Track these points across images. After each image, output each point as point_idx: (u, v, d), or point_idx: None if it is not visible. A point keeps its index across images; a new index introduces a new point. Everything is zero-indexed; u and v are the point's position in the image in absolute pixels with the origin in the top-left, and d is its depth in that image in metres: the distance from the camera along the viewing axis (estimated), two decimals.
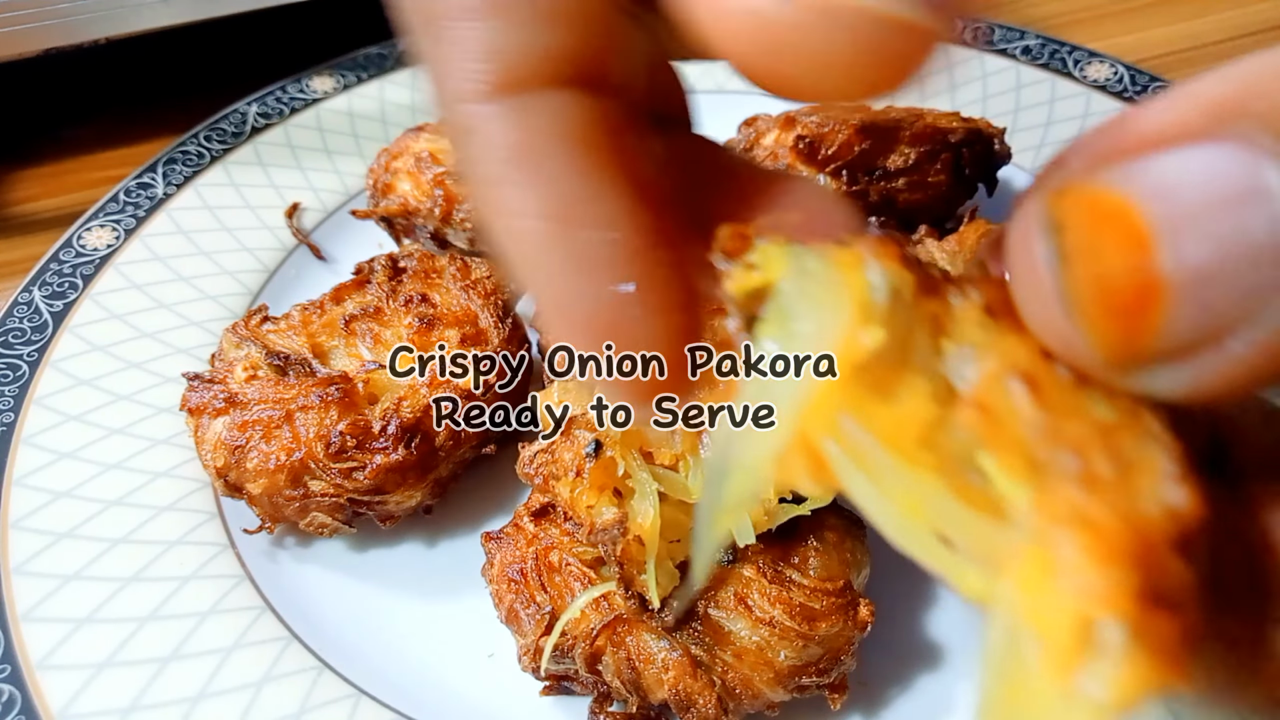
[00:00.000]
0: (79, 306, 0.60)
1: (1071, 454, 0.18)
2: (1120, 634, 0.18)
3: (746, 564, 0.41)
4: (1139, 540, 0.18)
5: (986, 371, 0.20)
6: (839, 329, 0.20)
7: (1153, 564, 0.18)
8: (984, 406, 0.19)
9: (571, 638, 0.41)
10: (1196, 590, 0.18)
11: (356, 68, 0.79)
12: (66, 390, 0.56)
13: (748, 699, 0.40)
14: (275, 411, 0.48)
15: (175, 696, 0.43)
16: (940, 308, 0.20)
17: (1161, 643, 0.18)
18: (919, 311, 0.20)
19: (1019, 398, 0.19)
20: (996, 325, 0.20)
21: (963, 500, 0.20)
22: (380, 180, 0.64)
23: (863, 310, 0.20)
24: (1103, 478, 0.18)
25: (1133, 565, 0.18)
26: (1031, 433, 0.19)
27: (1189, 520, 0.18)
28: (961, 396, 0.20)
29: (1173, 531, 0.18)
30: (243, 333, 0.52)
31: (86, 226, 0.66)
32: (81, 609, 0.46)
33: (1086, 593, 0.18)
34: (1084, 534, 0.18)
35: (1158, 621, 0.18)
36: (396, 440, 0.48)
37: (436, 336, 0.52)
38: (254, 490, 0.48)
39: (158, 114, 0.80)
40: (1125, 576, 0.18)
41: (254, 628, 0.46)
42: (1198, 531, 0.18)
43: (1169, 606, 0.18)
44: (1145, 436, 0.19)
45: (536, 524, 0.45)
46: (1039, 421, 0.19)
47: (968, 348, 0.20)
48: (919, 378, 0.20)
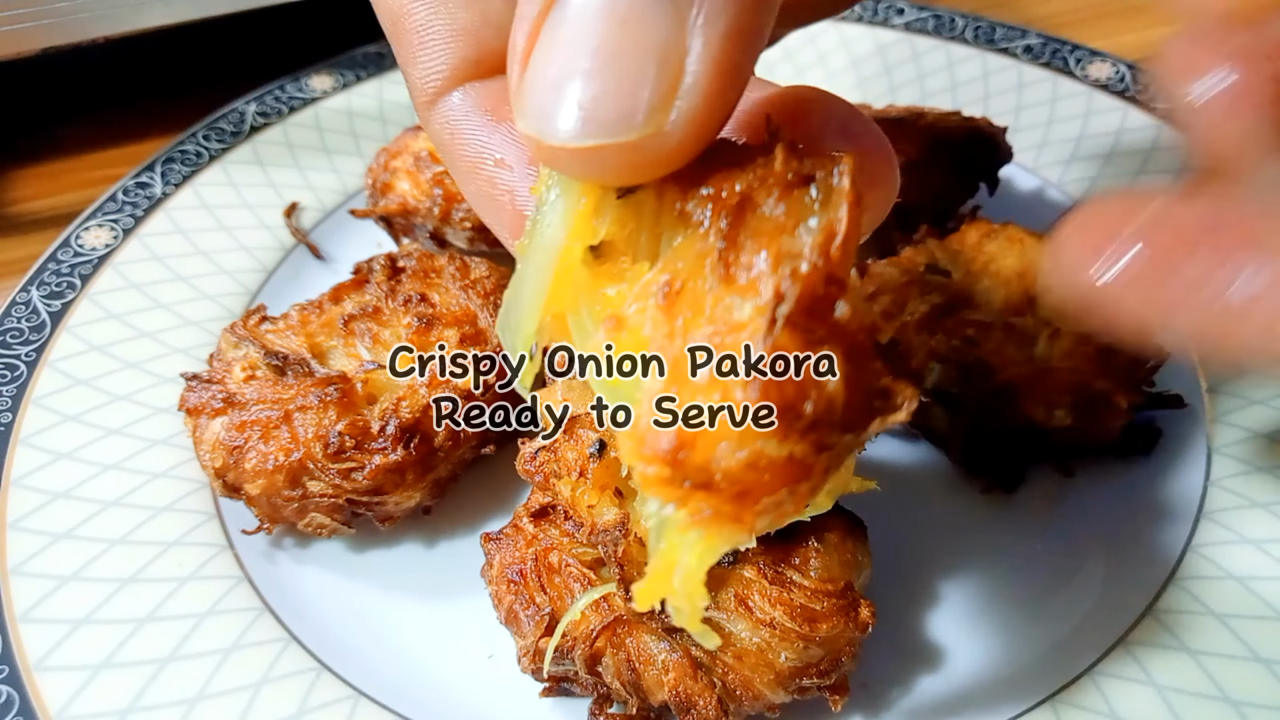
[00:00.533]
0: (77, 306, 0.60)
1: (665, 360, 0.24)
2: (664, 508, 0.24)
3: (747, 565, 0.41)
4: (675, 441, 0.23)
5: (644, 282, 0.25)
6: (557, 238, 0.26)
7: (688, 458, 0.23)
8: (621, 318, 0.25)
9: (571, 639, 0.41)
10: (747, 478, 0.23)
11: (355, 66, 0.79)
12: (64, 390, 0.56)
13: (748, 701, 0.40)
14: (273, 412, 0.48)
15: (173, 698, 0.43)
16: (680, 197, 0.25)
17: (703, 512, 0.23)
18: (665, 208, 0.25)
19: (651, 305, 0.24)
20: (694, 216, 0.25)
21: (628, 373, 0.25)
22: (379, 179, 0.64)
23: (583, 225, 0.25)
24: (687, 382, 0.23)
25: (662, 460, 0.23)
26: (650, 336, 0.24)
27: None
28: (620, 307, 0.25)
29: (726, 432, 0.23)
30: (241, 332, 0.52)
31: (85, 226, 0.65)
32: (79, 610, 0.46)
33: (638, 476, 0.24)
34: (635, 430, 0.24)
35: (695, 500, 0.23)
36: (395, 440, 0.47)
37: (436, 336, 0.52)
38: (252, 491, 0.48)
39: (156, 113, 0.80)
40: (656, 468, 0.23)
41: (252, 629, 0.46)
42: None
43: (706, 488, 0.23)
44: (751, 336, 0.23)
45: (536, 525, 0.45)
46: (655, 330, 0.24)
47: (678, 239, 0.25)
48: (647, 268, 0.25)
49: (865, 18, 0.82)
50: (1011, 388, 0.50)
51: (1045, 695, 0.43)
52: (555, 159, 0.25)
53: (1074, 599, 0.47)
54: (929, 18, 0.81)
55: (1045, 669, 0.44)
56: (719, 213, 0.24)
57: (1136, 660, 0.44)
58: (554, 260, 0.26)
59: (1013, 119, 0.72)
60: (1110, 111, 0.72)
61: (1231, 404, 0.54)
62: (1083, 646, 0.45)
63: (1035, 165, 0.70)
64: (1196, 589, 0.46)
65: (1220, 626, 0.44)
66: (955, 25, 0.80)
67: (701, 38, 0.23)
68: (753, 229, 0.24)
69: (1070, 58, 0.76)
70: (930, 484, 0.53)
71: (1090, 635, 0.45)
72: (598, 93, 0.23)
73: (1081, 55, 0.76)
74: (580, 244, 0.25)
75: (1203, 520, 0.49)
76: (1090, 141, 0.71)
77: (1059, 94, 0.74)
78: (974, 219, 0.61)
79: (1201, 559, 0.47)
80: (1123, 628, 0.45)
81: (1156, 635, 0.45)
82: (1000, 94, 0.75)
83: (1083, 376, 0.51)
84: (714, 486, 0.23)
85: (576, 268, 0.26)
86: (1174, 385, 0.55)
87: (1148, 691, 0.42)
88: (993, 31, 0.79)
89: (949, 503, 0.52)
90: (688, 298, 0.24)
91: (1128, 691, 0.43)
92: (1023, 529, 0.50)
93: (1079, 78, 0.75)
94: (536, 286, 0.26)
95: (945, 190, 0.62)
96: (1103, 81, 0.74)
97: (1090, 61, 0.76)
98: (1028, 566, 0.49)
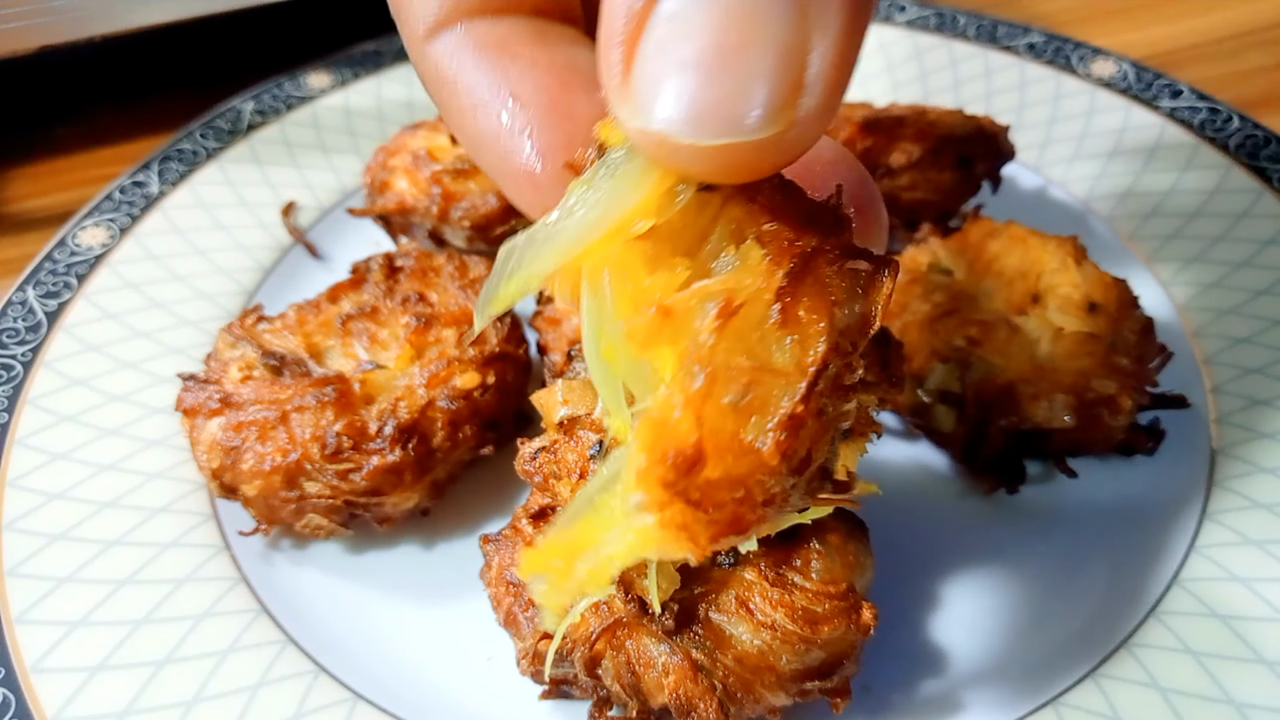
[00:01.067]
0: (73, 306, 0.60)
1: (704, 372, 0.24)
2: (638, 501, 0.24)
3: (748, 567, 0.41)
4: (694, 452, 0.24)
5: (702, 287, 0.25)
6: (621, 206, 0.25)
7: (694, 473, 0.24)
8: (671, 311, 0.25)
9: (571, 641, 0.41)
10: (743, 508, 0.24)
11: (353, 64, 0.78)
12: (61, 391, 0.55)
13: (749, 703, 0.40)
14: (270, 412, 0.48)
15: (170, 700, 0.43)
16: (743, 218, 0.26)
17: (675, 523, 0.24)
18: (725, 217, 0.26)
19: (707, 317, 0.25)
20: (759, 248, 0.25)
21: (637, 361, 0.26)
22: (377, 178, 0.64)
23: (649, 204, 0.25)
24: (717, 401, 0.24)
25: (674, 465, 0.24)
26: (695, 344, 0.25)
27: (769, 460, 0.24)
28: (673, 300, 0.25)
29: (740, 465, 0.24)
30: (238, 332, 0.52)
31: (81, 225, 0.65)
32: (76, 612, 0.46)
33: (636, 465, 0.24)
34: (658, 427, 0.24)
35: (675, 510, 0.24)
36: (393, 441, 0.47)
37: (434, 336, 0.51)
38: (249, 492, 0.47)
39: (152, 111, 0.80)
40: (661, 469, 0.24)
41: (249, 631, 0.46)
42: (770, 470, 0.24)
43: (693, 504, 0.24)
44: (786, 388, 0.24)
45: (535, 526, 0.44)
46: (706, 340, 0.25)
47: (731, 258, 0.26)
48: (686, 266, 0.26)
49: None
50: (1014, 388, 0.50)
51: (1048, 698, 0.43)
52: (671, 154, 0.24)
53: (1077, 601, 0.47)
54: (931, 15, 0.81)
55: (1048, 671, 0.44)
56: (786, 254, 0.25)
57: (1139, 662, 0.44)
58: (614, 221, 0.25)
59: (1015, 117, 0.72)
60: (1113, 110, 0.71)
61: (1235, 404, 0.54)
62: (1085, 648, 0.44)
63: (1038, 164, 0.70)
64: (1200, 590, 0.46)
65: (1224, 628, 0.44)
66: (958, 23, 0.80)
67: (825, 34, 0.22)
68: (812, 287, 0.25)
69: (1073, 55, 0.76)
70: (932, 485, 0.53)
71: (1093, 637, 0.45)
72: (721, 91, 0.22)
73: (1085, 53, 0.76)
74: (644, 219, 0.25)
75: (1206, 521, 0.49)
76: (1093, 140, 0.70)
77: (1062, 92, 0.74)
78: (977, 218, 0.60)
79: (1205, 560, 0.47)
80: (1126, 629, 0.45)
81: (1160, 637, 0.44)
82: (1003, 92, 0.75)
83: (1086, 377, 0.50)
84: (700, 506, 0.24)
85: (629, 238, 0.25)
86: (1177, 385, 0.55)
87: (1151, 693, 0.42)
88: (995, 29, 0.79)
89: (951, 504, 0.52)
90: (741, 321, 0.25)
91: (1131, 693, 0.42)
92: (1025, 530, 0.50)
93: (1082, 76, 0.74)
94: (580, 235, 0.26)
95: (948, 189, 0.62)
96: (1106, 79, 0.74)
97: (1093, 59, 0.75)
98: (1030, 568, 0.49)
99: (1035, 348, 0.52)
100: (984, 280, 0.56)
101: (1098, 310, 0.54)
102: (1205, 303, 0.59)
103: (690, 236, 0.26)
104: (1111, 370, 0.51)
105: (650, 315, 0.25)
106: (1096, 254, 0.59)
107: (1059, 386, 0.50)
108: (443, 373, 0.50)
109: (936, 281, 0.56)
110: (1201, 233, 0.63)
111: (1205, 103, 0.70)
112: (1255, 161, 0.65)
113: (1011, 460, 0.52)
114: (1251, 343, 0.56)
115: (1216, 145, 0.67)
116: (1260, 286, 0.58)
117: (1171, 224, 0.64)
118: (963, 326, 0.53)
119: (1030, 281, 0.55)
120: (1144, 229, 0.64)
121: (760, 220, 0.26)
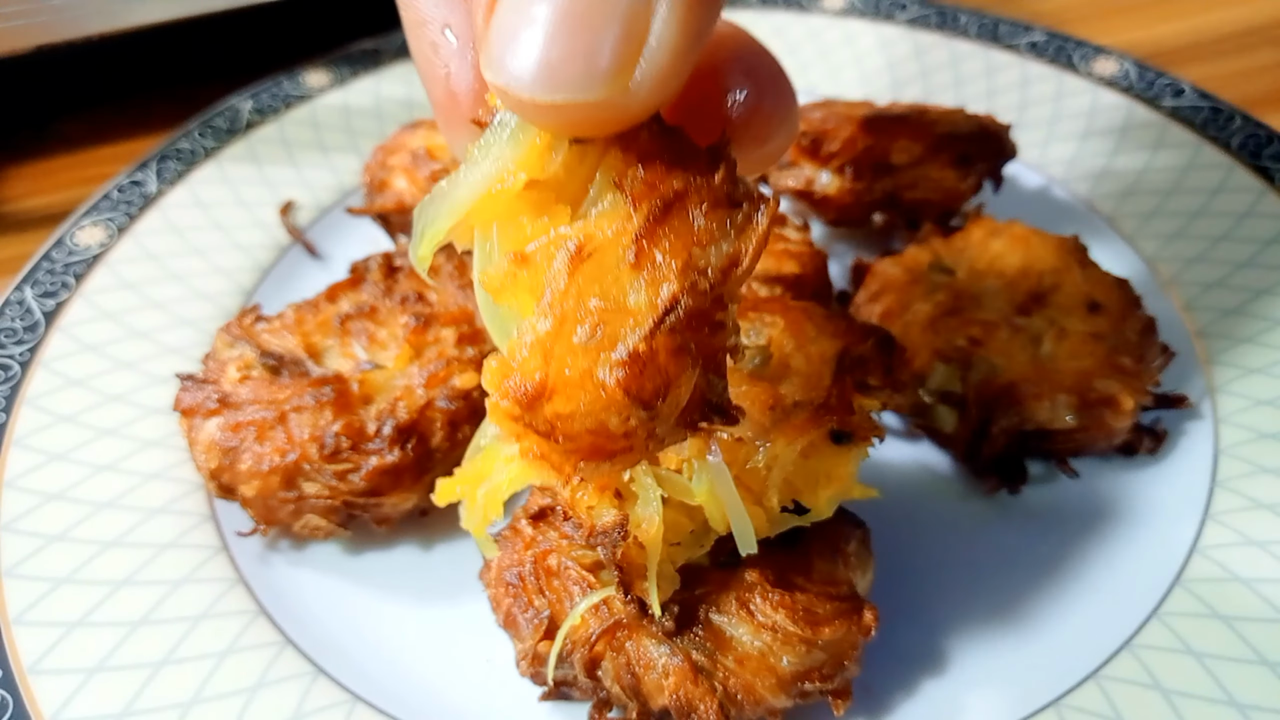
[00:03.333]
0: (71, 305, 0.60)
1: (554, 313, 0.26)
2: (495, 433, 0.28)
3: (749, 569, 0.41)
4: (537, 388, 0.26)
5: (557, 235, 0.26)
6: (503, 162, 0.27)
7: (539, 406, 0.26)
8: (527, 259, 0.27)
9: (570, 643, 0.41)
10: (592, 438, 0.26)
11: (352, 63, 0.78)
12: (58, 391, 0.55)
13: (750, 705, 0.40)
14: (269, 412, 0.48)
15: (168, 701, 0.43)
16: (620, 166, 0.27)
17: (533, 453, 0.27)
18: (605, 166, 0.27)
19: (560, 261, 0.26)
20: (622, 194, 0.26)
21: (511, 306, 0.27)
22: (376, 177, 0.64)
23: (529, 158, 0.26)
24: (567, 341, 0.26)
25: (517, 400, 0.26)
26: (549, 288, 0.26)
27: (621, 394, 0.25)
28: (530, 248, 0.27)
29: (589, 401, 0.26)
30: (236, 332, 0.51)
31: (79, 224, 0.65)
32: (74, 613, 0.46)
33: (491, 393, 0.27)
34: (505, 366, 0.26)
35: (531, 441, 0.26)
36: (392, 441, 0.47)
37: (433, 335, 0.51)
38: (247, 492, 0.47)
39: (150, 110, 0.79)
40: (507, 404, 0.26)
41: (247, 632, 0.46)
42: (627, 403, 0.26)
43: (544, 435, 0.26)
44: (635, 328, 0.25)
45: (534, 527, 0.44)
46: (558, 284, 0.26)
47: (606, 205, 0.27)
48: (567, 215, 0.27)
49: (868, 14, 0.82)
50: (1016, 388, 0.50)
51: (1050, 699, 0.43)
52: (518, 107, 0.25)
53: (1078, 601, 0.47)
54: (933, 14, 0.80)
55: (1049, 672, 0.44)
56: (650, 199, 0.26)
57: (1141, 664, 0.43)
58: (496, 178, 0.27)
59: (1017, 116, 0.72)
60: (1115, 109, 0.71)
61: (1238, 405, 0.53)
62: (1087, 650, 0.44)
63: (1040, 162, 0.70)
64: (1202, 591, 0.46)
65: (1226, 629, 0.44)
66: (959, 21, 0.80)
67: (667, 1, 0.23)
68: (673, 228, 0.26)
69: (1075, 54, 0.76)
70: (934, 485, 0.52)
71: (1095, 638, 0.45)
72: (563, 50, 0.24)
73: (1086, 52, 0.75)
74: (525, 173, 0.27)
75: (1209, 522, 0.49)
76: (1095, 139, 0.70)
77: (1064, 91, 0.73)
78: (978, 217, 0.60)
79: (1207, 561, 0.47)
80: (1128, 631, 0.45)
81: (1162, 638, 0.44)
82: (1004, 91, 0.74)
83: (1088, 377, 0.50)
84: (552, 437, 0.26)
85: (512, 192, 0.27)
86: (1180, 386, 0.54)
87: (1153, 695, 0.42)
88: (996, 28, 0.78)
89: (953, 505, 0.51)
90: (594, 265, 0.26)
91: (1132, 695, 0.42)
92: (1027, 530, 0.50)
93: (1084, 74, 0.74)
94: (470, 194, 0.28)
95: (949, 188, 0.62)
96: (1108, 78, 0.73)
97: (1095, 58, 0.75)
98: (1032, 568, 0.48)
99: (1037, 348, 0.52)
100: (986, 280, 0.56)
101: (1100, 310, 0.53)
102: (1207, 302, 0.59)
103: (574, 186, 0.27)
104: (1113, 370, 0.50)
105: (507, 263, 0.27)
106: (1098, 253, 0.59)
107: (1061, 386, 0.50)
108: (441, 373, 0.49)
109: (938, 281, 0.56)
110: (1204, 232, 0.62)
111: (1207, 101, 0.70)
112: (1257, 160, 0.65)
113: (1013, 460, 0.52)
114: (1253, 342, 0.56)
115: (1219, 144, 0.67)
116: (1262, 286, 0.58)
117: (1174, 223, 0.64)
118: (964, 326, 0.53)
119: (1032, 281, 0.55)
120: (1146, 228, 0.64)
121: (632, 169, 0.27)
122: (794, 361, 0.41)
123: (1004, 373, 0.51)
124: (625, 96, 0.24)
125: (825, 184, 0.61)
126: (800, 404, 0.38)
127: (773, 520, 0.38)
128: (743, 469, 0.37)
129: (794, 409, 0.38)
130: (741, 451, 0.37)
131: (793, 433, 0.37)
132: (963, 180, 0.62)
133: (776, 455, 0.37)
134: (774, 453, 0.37)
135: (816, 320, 0.43)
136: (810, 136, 0.61)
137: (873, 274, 0.58)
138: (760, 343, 0.43)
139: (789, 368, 0.41)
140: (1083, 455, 0.52)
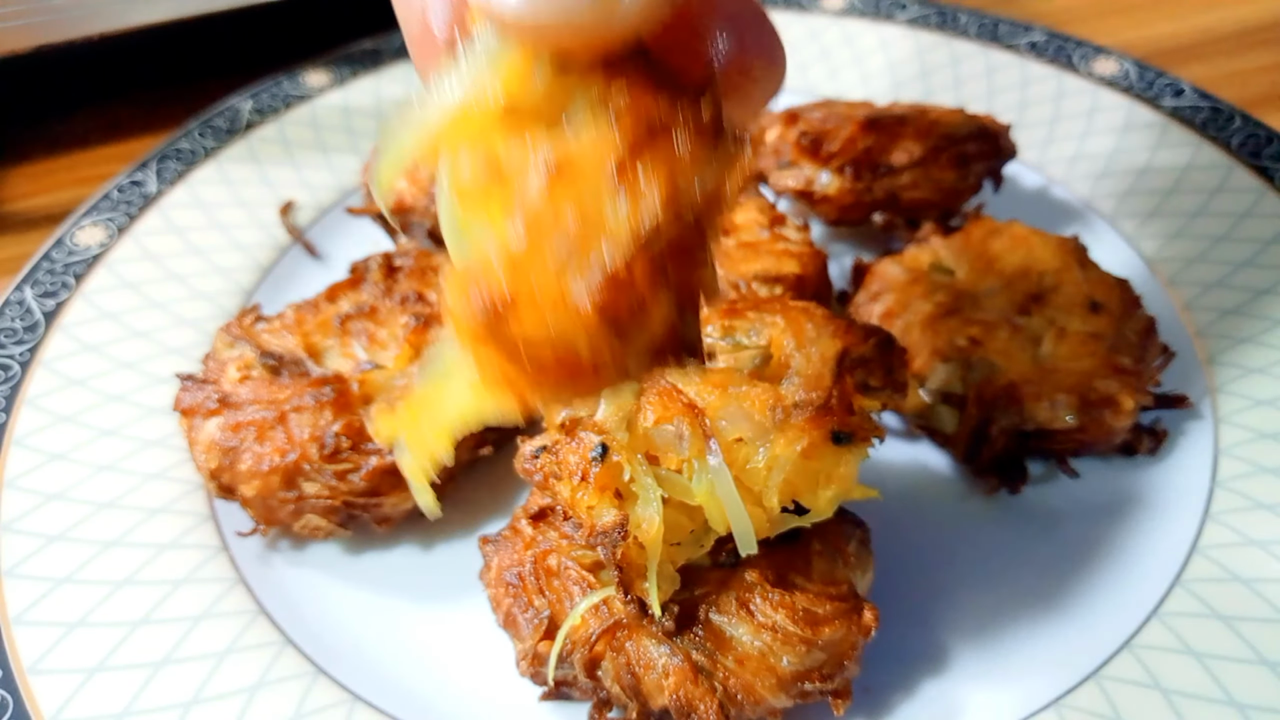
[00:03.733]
0: (70, 305, 0.60)
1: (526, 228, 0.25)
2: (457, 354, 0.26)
3: (749, 569, 0.41)
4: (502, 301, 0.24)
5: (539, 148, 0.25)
6: (478, 83, 0.26)
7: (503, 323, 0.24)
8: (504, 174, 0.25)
9: (570, 643, 0.41)
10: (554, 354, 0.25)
11: (352, 63, 0.78)
12: (58, 391, 0.55)
13: (750, 705, 0.40)
14: (269, 412, 0.48)
15: (168, 702, 0.43)
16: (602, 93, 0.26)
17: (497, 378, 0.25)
18: (585, 93, 0.26)
19: (538, 177, 0.25)
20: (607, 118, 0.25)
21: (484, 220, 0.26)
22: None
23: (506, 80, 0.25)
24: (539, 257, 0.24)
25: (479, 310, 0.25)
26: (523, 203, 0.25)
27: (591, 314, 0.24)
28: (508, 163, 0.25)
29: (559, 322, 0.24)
30: (236, 332, 0.51)
31: (79, 224, 0.65)
32: (74, 613, 0.46)
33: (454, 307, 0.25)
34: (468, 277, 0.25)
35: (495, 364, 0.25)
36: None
37: (433, 335, 0.51)
38: (247, 492, 0.47)
39: (150, 110, 0.79)
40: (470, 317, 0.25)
41: (247, 632, 0.46)
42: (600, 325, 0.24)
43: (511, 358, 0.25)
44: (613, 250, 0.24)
45: (534, 527, 0.44)
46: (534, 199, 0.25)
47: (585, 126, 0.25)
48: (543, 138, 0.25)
49: (869, 14, 0.82)
50: (1016, 388, 0.50)
51: (1050, 700, 0.43)
52: (503, 26, 0.25)
53: (1078, 601, 0.47)
54: (933, 14, 0.80)
55: (1049, 672, 0.44)
56: (636, 122, 0.25)
57: (1141, 664, 0.43)
58: (470, 97, 0.26)
59: (1017, 116, 0.72)
60: (1115, 109, 0.71)
61: (1238, 405, 0.53)
62: (1087, 650, 0.44)
63: (1040, 163, 0.70)
64: (1202, 591, 0.46)
65: (1226, 629, 0.44)
66: (959, 21, 0.80)
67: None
68: (657, 154, 0.25)
69: (1075, 54, 0.76)
70: (934, 485, 0.52)
71: (1095, 638, 0.45)
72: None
73: (1086, 52, 0.75)
74: (505, 96, 0.26)
75: (1209, 522, 0.49)
76: (1095, 139, 0.70)
77: (1063, 91, 0.73)
78: (978, 217, 0.60)
79: (1207, 561, 0.47)
80: (1127, 631, 0.45)
81: (1162, 638, 0.44)
82: (1004, 91, 0.74)
83: (1088, 377, 0.50)
84: (515, 357, 0.25)
85: (487, 116, 0.26)
86: (1180, 386, 0.54)
87: (1153, 695, 0.42)
88: (996, 28, 0.78)
89: (953, 504, 0.51)
90: (573, 182, 0.25)
91: (1132, 695, 0.42)
92: (1027, 530, 0.50)
93: (1084, 74, 0.74)
94: (441, 113, 0.27)
95: (949, 188, 0.62)
96: (1108, 78, 0.73)
97: (1095, 58, 0.75)
98: (1032, 568, 0.48)
99: (1037, 348, 0.52)
100: (986, 280, 0.56)
101: (1100, 310, 0.53)
102: (1208, 302, 0.59)
103: (551, 112, 0.26)
104: (1114, 370, 0.50)
105: (484, 176, 0.26)
106: (1098, 253, 0.59)
107: (1061, 386, 0.50)
108: None
109: (938, 281, 0.56)
110: (1204, 232, 0.62)
111: (1207, 101, 0.70)
112: (1257, 160, 0.65)
113: (1013, 460, 0.52)
114: (1254, 342, 0.56)
115: (1219, 144, 0.67)
116: (1262, 286, 0.58)
117: (1174, 223, 0.64)
118: (964, 326, 0.53)
119: (1032, 281, 0.55)
120: (1146, 228, 0.64)
121: (618, 94, 0.26)
122: (794, 362, 0.41)
123: (1004, 373, 0.51)
124: (612, 19, 0.24)
125: (825, 184, 0.61)
126: (800, 404, 0.38)
127: (773, 520, 0.38)
128: (743, 469, 0.37)
129: (794, 409, 0.38)
130: (741, 452, 0.37)
131: (793, 433, 0.37)
132: (963, 180, 0.62)
133: (777, 456, 0.37)
134: (774, 453, 0.37)
135: (817, 320, 0.43)
136: (810, 136, 0.61)
137: (873, 274, 0.58)
138: (760, 343, 0.43)
139: (789, 368, 0.41)
140: (1083, 455, 0.52)
